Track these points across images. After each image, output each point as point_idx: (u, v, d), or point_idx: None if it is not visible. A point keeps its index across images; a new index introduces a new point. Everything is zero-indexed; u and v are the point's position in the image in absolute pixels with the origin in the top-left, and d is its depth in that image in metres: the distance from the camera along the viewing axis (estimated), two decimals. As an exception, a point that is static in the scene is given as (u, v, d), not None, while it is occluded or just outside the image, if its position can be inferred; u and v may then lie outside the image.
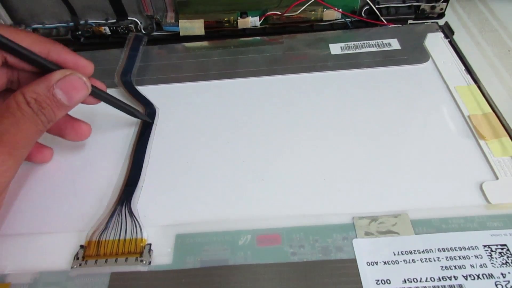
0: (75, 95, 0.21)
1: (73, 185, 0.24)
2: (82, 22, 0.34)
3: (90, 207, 0.22)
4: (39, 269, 0.20)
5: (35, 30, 0.34)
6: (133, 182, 0.23)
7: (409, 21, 0.34)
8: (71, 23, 0.34)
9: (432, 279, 0.18)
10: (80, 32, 0.35)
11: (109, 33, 0.35)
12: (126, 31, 0.34)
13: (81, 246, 0.20)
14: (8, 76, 0.21)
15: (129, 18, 0.34)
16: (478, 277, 0.18)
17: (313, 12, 0.33)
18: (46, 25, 0.34)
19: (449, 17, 0.35)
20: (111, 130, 0.27)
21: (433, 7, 0.34)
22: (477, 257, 0.18)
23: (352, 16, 0.34)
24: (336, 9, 0.33)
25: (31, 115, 0.19)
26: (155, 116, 0.27)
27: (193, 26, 0.33)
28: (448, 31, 0.33)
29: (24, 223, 0.22)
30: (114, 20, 0.34)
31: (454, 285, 0.18)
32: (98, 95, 0.23)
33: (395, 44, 0.31)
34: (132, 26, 0.34)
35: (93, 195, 0.23)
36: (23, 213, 0.22)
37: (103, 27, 0.34)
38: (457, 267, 0.18)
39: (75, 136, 0.24)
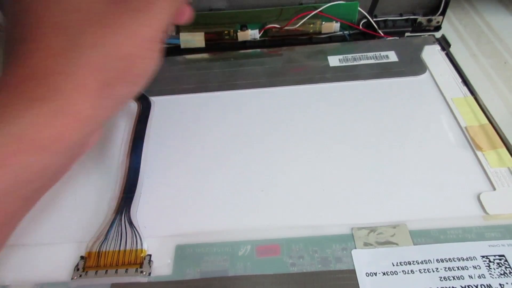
0: None
1: (71, 194, 0.24)
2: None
3: (89, 216, 0.22)
4: (39, 280, 0.20)
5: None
6: (131, 189, 0.23)
7: (406, 34, 0.35)
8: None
9: (431, 290, 0.18)
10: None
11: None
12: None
13: (82, 257, 0.20)
14: None
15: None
16: (477, 287, 0.18)
17: (311, 25, 0.34)
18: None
19: (446, 30, 0.35)
20: (105, 134, 0.27)
21: (429, 20, 0.34)
22: (476, 268, 0.18)
23: (350, 25, 0.34)
24: (336, 18, 0.33)
25: None
26: (150, 109, 0.28)
27: (194, 38, 0.34)
28: (444, 44, 0.34)
29: (25, 234, 0.22)
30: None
31: (452, 296, 0.18)
32: None
33: (392, 57, 0.32)
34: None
35: (91, 203, 0.23)
36: (23, 224, 0.22)
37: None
38: (455, 277, 0.18)
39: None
